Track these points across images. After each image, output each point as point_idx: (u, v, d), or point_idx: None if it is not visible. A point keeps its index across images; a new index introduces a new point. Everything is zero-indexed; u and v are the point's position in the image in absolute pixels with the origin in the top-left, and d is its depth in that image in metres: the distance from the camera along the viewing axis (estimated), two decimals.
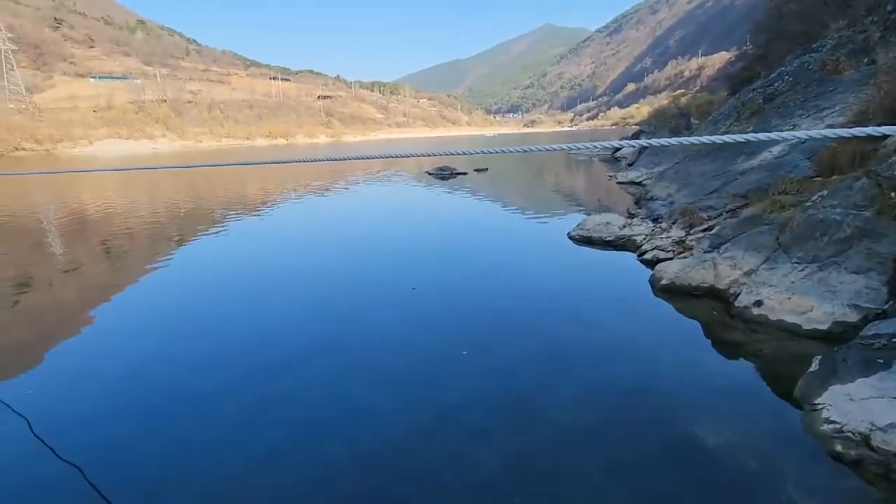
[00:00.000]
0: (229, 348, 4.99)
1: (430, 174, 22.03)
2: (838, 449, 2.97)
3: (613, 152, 26.71)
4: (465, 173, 21.98)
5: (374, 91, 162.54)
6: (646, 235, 8.08)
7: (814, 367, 3.69)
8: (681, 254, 6.75)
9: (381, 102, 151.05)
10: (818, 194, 5.62)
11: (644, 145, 1.87)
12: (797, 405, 3.51)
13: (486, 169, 23.73)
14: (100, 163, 39.46)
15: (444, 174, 21.44)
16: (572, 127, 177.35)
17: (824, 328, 4.43)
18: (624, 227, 8.60)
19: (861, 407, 3.07)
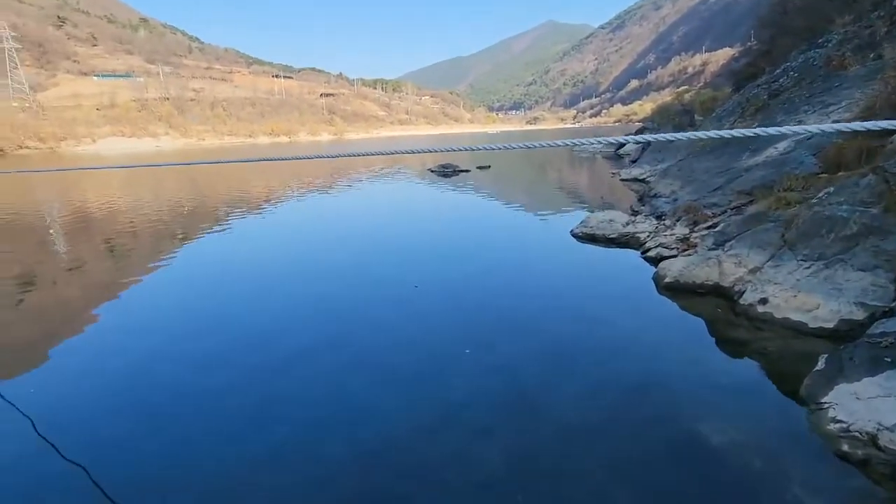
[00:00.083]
0: (232, 346, 4.98)
1: (432, 171, 21.98)
2: (845, 448, 2.94)
3: (617, 149, 26.61)
4: (467, 170, 21.93)
5: (376, 88, 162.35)
6: (649, 233, 8.04)
7: (820, 365, 3.65)
8: (685, 251, 6.70)
9: (383, 100, 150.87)
10: (824, 191, 5.57)
11: (648, 140, 1.85)
12: (803, 404, 3.48)
13: (489, 166, 23.68)
14: (103, 161, 39.57)
15: (447, 171, 21.40)
16: (575, 124, 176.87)
17: (830, 326, 4.39)
18: (627, 224, 8.55)
19: (868, 406, 3.03)
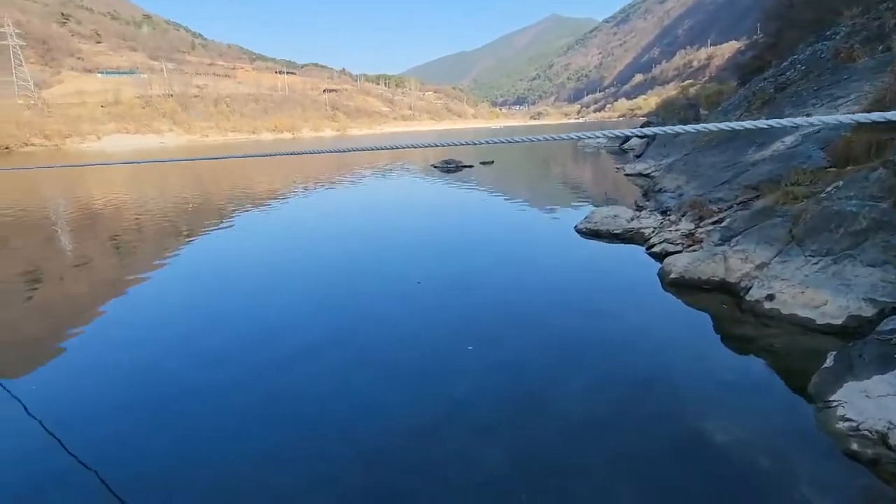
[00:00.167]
0: (237, 342, 4.98)
1: (435, 167, 21.91)
2: (854, 447, 2.89)
3: (621, 144, 26.45)
4: (470, 166, 21.85)
5: (379, 84, 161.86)
6: (654, 228, 7.97)
7: (828, 362, 3.60)
8: (690, 247, 6.64)
9: (386, 95, 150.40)
10: (833, 185, 5.49)
11: (654, 133, 1.80)
12: (811, 402, 3.43)
13: (493, 162, 23.58)
14: (108, 158, 39.71)
15: (450, 167, 21.32)
16: (579, 119, 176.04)
17: (839, 323, 4.32)
18: (632, 219, 8.48)
19: (878, 404, 2.99)
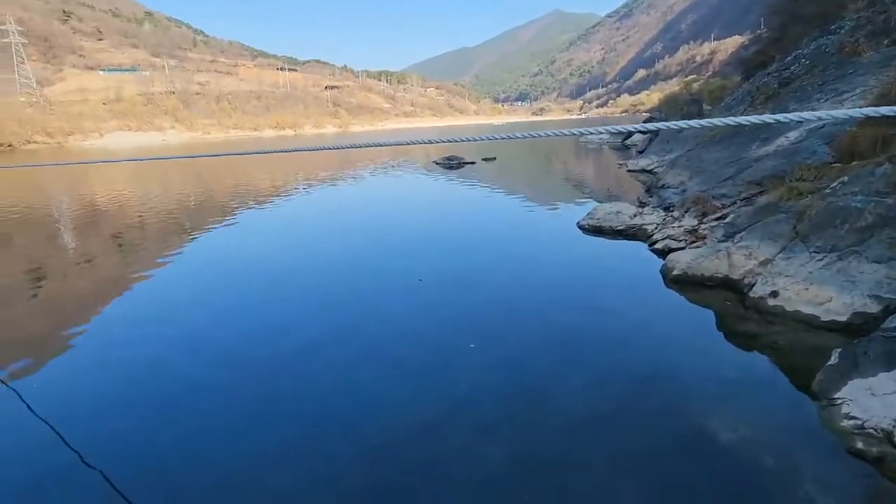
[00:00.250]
0: (239, 339, 4.98)
1: (437, 164, 21.87)
2: (859, 446, 2.87)
3: (624, 139, 26.33)
4: (473, 163, 21.80)
5: (381, 80, 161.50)
6: (657, 224, 7.93)
7: (833, 360, 3.57)
8: (693, 243, 6.60)
9: (388, 92, 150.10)
10: (838, 181, 5.44)
11: (657, 129, 1.77)
12: (815, 399, 3.40)
13: (495, 158, 23.51)
14: (110, 155, 39.77)
15: (452, 164, 21.27)
16: (581, 115, 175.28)
17: (843, 320, 4.29)
18: (635, 216, 8.44)
19: (884, 402, 2.96)
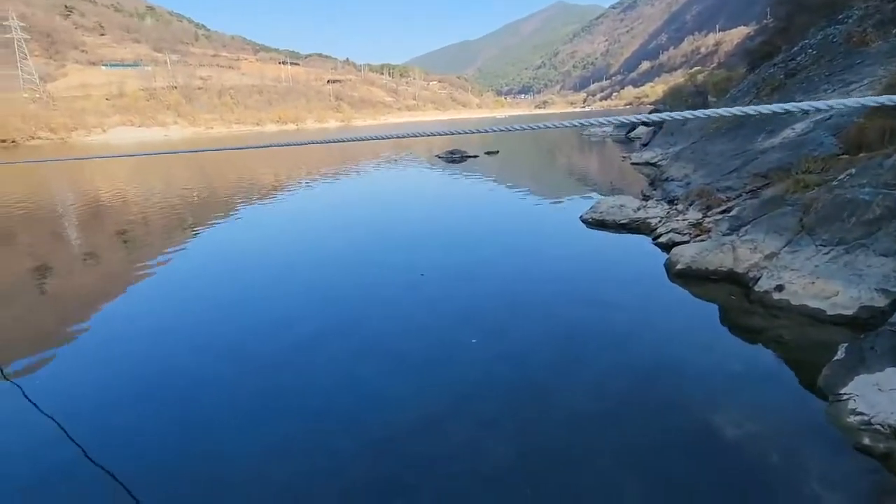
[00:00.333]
0: (242, 334, 4.98)
1: (439, 157, 21.78)
2: (866, 442, 2.83)
3: (627, 132, 26.14)
4: (475, 156, 21.70)
5: (383, 74, 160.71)
6: (661, 218, 7.87)
7: (839, 355, 3.53)
8: (697, 237, 6.54)
9: (390, 86, 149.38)
10: (845, 173, 5.37)
11: (663, 119, 1.73)
12: (821, 395, 3.37)
13: (497, 151, 23.40)
14: (113, 150, 39.80)
15: (455, 157, 21.18)
16: (585, 107, 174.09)
17: (850, 314, 4.24)
18: (638, 209, 8.38)
19: (891, 398, 2.92)
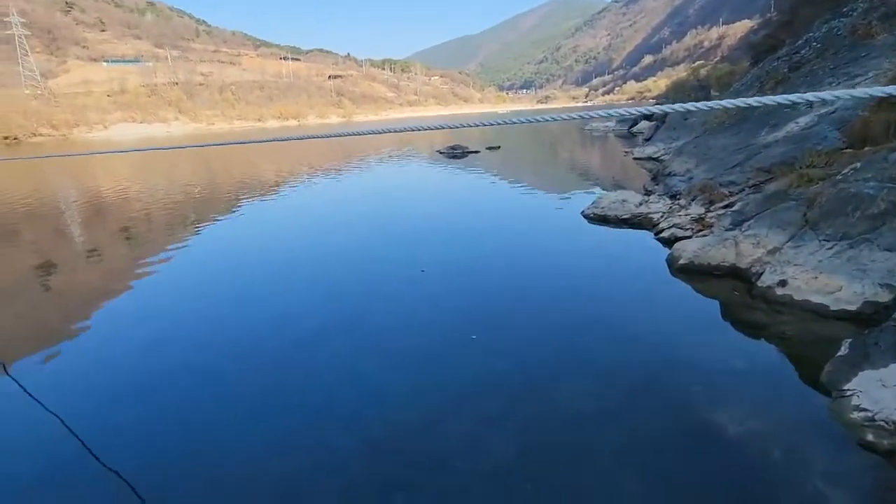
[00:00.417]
0: (245, 331, 4.99)
1: (441, 153, 21.71)
2: (869, 438, 2.81)
3: (630, 127, 26.02)
4: (476, 151, 21.63)
5: (384, 69, 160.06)
6: (663, 213, 7.83)
7: (843, 350, 3.50)
8: (700, 232, 6.51)
9: (392, 81, 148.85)
10: (849, 167, 5.32)
11: (666, 112, 1.70)
12: (824, 391, 3.34)
13: (499, 147, 23.32)
14: (115, 147, 39.82)
15: (456, 153, 21.11)
16: (587, 102, 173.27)
17: (854, 309, 4.21)
18: (640, 204, 8.34)
19: (895, 394, 2.89)
